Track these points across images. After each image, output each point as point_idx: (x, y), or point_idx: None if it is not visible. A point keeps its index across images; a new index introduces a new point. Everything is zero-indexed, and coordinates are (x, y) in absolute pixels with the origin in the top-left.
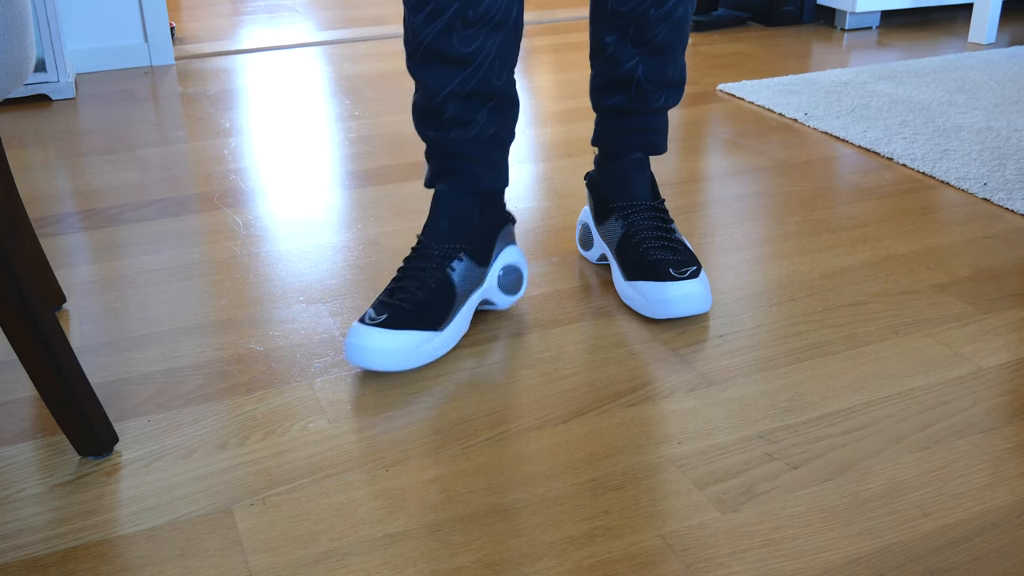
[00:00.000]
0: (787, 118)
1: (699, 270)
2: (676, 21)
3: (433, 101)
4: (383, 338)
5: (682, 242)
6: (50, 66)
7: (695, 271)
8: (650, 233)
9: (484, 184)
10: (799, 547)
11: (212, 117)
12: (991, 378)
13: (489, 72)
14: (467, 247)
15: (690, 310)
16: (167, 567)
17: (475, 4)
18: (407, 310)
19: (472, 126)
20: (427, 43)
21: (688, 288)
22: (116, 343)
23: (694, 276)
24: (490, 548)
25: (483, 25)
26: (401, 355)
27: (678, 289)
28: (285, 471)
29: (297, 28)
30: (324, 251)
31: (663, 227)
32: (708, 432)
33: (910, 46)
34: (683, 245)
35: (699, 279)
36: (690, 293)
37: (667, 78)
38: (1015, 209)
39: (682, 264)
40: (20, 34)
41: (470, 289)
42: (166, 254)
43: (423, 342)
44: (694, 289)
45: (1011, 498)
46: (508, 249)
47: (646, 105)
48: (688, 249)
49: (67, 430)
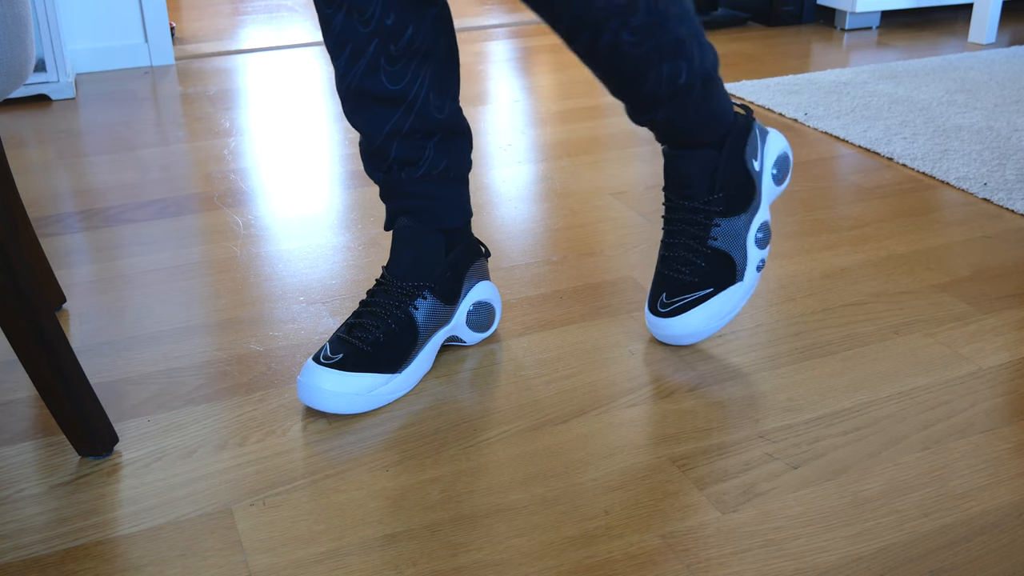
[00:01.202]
0: (787, 118)
1: (703, 298)
2: (602, 51)
3: (374, 144)
4: (335, 380)
5: (706, 253)
6: (50, 66)
7: (690, 301)
8: (669, 240)
9: (443, 222)
10: (799, 547)
11: (212, 117)
12: (991, 378)
13: (426, 106)
14: (431, 284)
15: (677, 342)
16: (167, 567)
17: (396, 37)
18: (363, 351)
19: (420, 163)
20: (355, 86)
21: (670, 330)
22: (116, 343)
23: (685, 309)
24: (490, 548)
25: (410, 58)
26: (352, 399)
27: (659, 329)
28: (285, 471)
29: (297, 28)
30: (324, 251)
31: (688, 231)
32: (708, 432)
33: (910, 46)
34: (703, 258)
35: (690, 315)
36: (671, 335)
37: (642, 94)
38: (1015, 209)
39: (679, 291)
40: (20, 34)
41: (434, 328)
42: (166, 254)
43: (377, 385)
44: (675, 331)
45: (1011, 498)
46: (479, 285)
47: (647, 115)
48: (706, 266)
49: (67, 430)
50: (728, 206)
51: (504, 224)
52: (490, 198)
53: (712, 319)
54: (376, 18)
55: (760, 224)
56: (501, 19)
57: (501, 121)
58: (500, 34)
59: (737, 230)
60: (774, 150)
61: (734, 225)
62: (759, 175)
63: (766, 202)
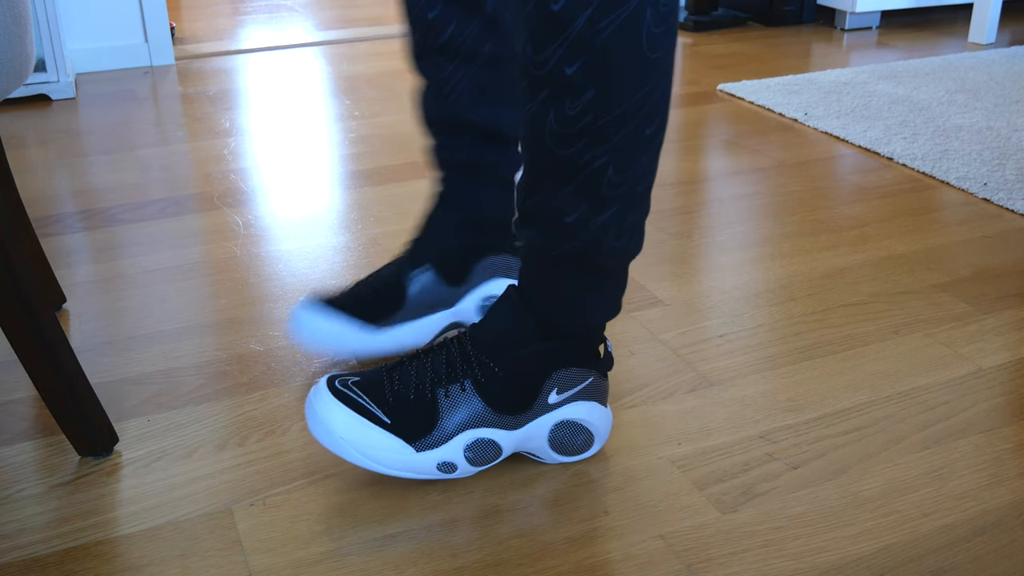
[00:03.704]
0: (787, 118)
1: (374, 418)
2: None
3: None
4: (310, 315)
5: (423, 392)
6: (50, 66)
7: (363, 405)
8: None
9: (464, 207)
10: (799, 547)
11: (212, 117)
12: (991, 378)
13: (458, 104)
14: (434, 261)
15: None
16: (167, 567)
17: (436, 33)
18: (347, 303)
19: (455, 150)
20: (409, 52)
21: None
22: (116, 343)
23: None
24: (490, 548)
25: (449, 56)
26: (322, 334)
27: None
28: (285, 471)
29: (297, 28)
30: (324, 251)
31: (440, 358)
32: (708, 432)
33: (910, 46)
34: (417, 392)
35: (338, 408)
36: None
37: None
38: (1015, 209)
39: (372, 386)
40: (20, 34)
41: (429, 304)
42: (166, 254)
43: (356, 330)
44: (318, 414)
45: (1011, 498)
46: (496, 281)
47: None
48: (411, 400)
49: (67, 430)
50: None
51: None
52: None
53: (351, 431)
54: (419, 7)
55: (476, 439)
56: None
57: None
58: None
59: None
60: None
61: (471, 402)
62: (541, 403)
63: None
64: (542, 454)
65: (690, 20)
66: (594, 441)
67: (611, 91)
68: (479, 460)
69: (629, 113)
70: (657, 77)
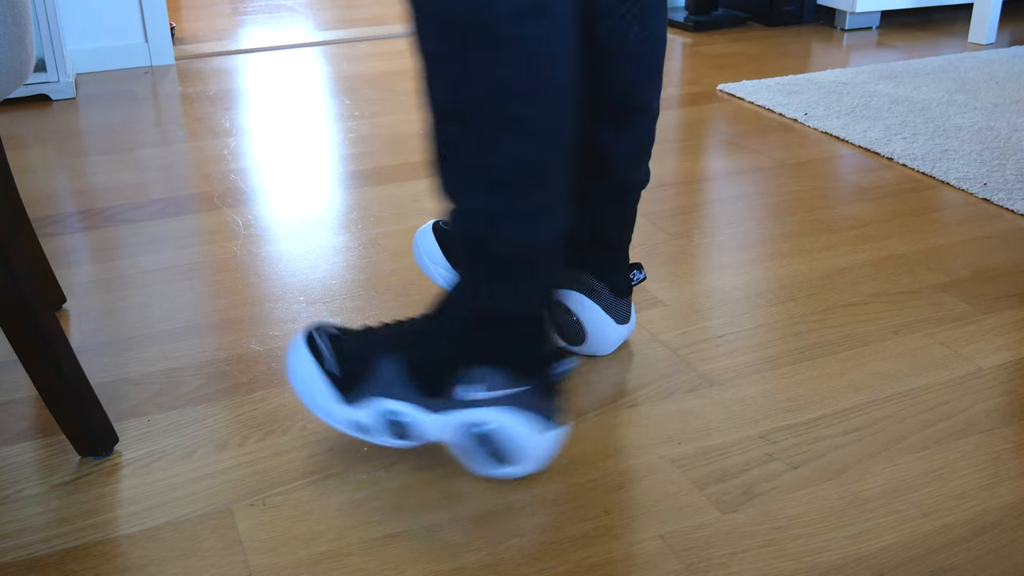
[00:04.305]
0: (787, 118)
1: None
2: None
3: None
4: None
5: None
6: (50, 66)
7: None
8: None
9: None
10: (799, 547)
11: (212, 117)
12: (991, 378)
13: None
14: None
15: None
16: (167, 567)
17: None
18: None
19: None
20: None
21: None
22: (116, 343)
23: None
24: (490, 548)
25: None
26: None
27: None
28: (285, 471)
29: (297, 28)
30: (324, 251)
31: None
32: (708, 432)
33: (910, 46)
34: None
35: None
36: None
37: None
38: (1015, 209)
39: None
40: (20, 34)
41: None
42: (166, 254)
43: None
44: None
45: (1011, 498)
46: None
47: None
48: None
49: (67, 430)
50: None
51: None
52: None
53: (304, 370)
54: None
55: (389, 410)
56: None
57: None
58: None
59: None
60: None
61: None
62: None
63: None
64: (460, 454)
65: (690, 20)
66: (512, 460)
67: (469, 65)
68: (392, 431)
69: (492, 90)
70: (524, 56)
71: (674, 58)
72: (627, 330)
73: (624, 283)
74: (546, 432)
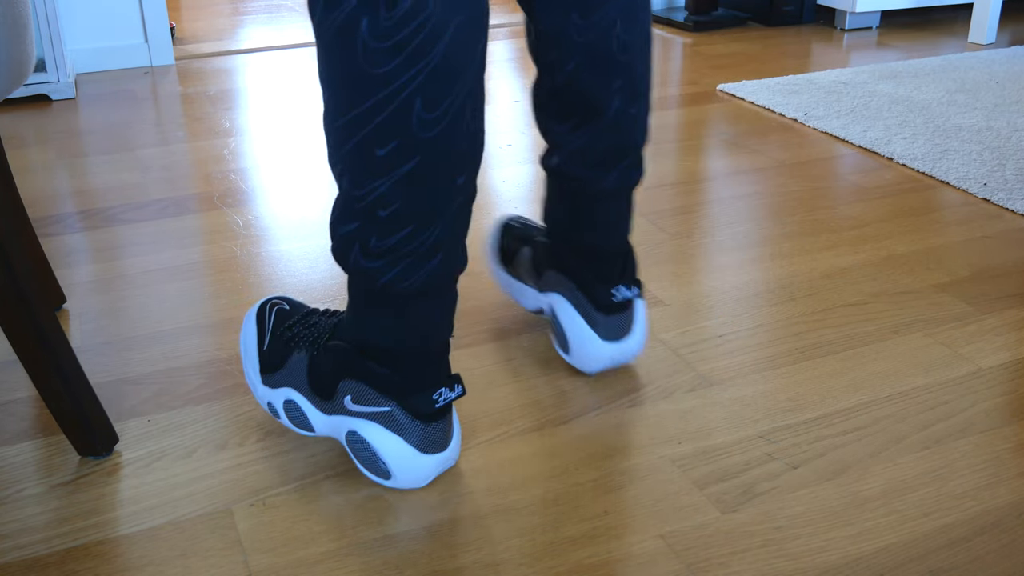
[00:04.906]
0: (787, 118)
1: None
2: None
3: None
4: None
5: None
6: (50, 66)
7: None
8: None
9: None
10: (799, 547)
11: (212, 117)
12: (991, 378)
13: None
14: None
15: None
16: (167, 567)
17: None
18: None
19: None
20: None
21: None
22: (116, 343)
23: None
24: (490, 548)
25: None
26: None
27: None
28: (285, 471)
29: (297, 28)
30: (324, 251)
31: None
32: (708, 432)
33: (910, 46)
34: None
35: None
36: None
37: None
38: (1015, 209)
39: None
40: (20, 34)
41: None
42: (166, 254)
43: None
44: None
45: (1011, 498)
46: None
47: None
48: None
49: (67, 430)
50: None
51: None
52: (490, 199)
53: (247, 340)
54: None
55: (291, 400)
56: (501, 19)
57: (501, 121)
58: (500, 34)
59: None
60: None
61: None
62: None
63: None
64: (350, 454)
65: (690, 20)
66: (378, 473)
67: (336, 98)
68: (293, 420)
69: (352, 127)
70: (382, 96)
71: (674, 58)
72: (617, 351)
73: (605, 297)
74: (419, 455)
